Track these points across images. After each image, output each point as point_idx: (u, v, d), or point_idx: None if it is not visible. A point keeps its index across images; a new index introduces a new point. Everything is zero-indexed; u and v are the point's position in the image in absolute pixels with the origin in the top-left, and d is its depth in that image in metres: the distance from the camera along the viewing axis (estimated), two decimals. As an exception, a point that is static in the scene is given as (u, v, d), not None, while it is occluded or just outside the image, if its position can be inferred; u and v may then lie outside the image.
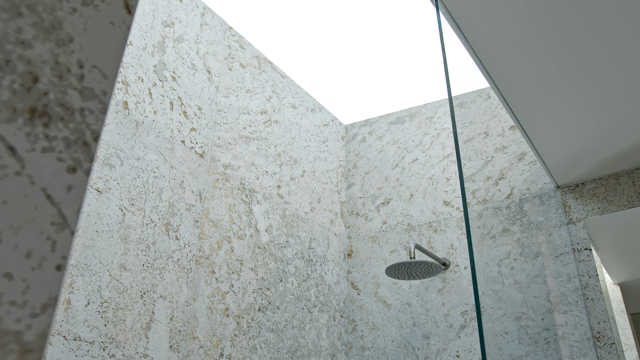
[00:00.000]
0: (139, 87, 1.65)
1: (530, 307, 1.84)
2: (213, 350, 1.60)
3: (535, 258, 1.89)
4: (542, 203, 1.97)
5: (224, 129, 1.94)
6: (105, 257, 1.38)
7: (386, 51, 2.47)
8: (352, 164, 2.60)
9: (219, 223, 1.77)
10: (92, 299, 1.32)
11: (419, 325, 2.05)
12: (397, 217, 2.31)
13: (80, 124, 0.29)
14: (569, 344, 1.72)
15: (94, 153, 0.29)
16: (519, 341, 1.81)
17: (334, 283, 2.23)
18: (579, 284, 1.77)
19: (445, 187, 2.24)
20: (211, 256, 1.70)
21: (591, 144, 1.72)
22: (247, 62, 2.17)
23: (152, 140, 1.64)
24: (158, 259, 1.52)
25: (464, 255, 2.07)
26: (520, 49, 1.41)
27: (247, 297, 1.78)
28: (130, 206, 1.49)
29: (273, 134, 2.18)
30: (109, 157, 1.48)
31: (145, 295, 1.45)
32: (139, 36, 1.70)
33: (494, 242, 2.00)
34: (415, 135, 2.45)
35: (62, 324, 1.24)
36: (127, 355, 1.35)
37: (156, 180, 1.60)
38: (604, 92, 1.52)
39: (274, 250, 1.97)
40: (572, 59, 1.42)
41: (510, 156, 2.13)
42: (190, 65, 1.88)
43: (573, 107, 1.58)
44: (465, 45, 1.43)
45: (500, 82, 1.53)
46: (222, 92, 1.99)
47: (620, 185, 1.84)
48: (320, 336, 2.06)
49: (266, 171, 2.07)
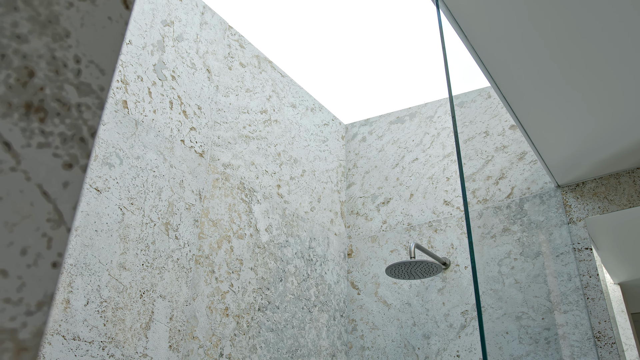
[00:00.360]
0: (139, 86, 1.65)
1: (530, 307, 1.83)
2: (213, 350, 1.60)
3: (535, 257, 1.89)
4: (542, 202, 1.96)
5: (224, 128, 1.94)
6: (104, 256, 1.38)
7: (386, 50, 2.46)
8: (352, 163, 2.59)
9: (218, 222, 1.76)
10: (92, 299, 1.32)
11: (419, 325, 2.05)
12: (397, 216, 2.31)
13: (77, 119, 0.29)
14: (569, 343, 1.72)
15: (90, 149, 0.29)
16: (520, 341, 1.81)
17: (334, 283, 2.23)
18: (579, 284, 1.77)
19: (445, 186, 2.24)
20: (211, 256, 1.70)
21: (592, 143, 1.72)
22: (247, 62, 2.16)
23: (152, 139, 1.63)
24: (157, 258, 1.52)
25: (464, 255, 2.06)
26: (521, 48, 1.41)
27: (246, 297, 1.78)
28: (130, 205, 1.49)
29: (273, 133, 2.18)
30: (108, 156, 1.48)
31: (144, 295, 1.45)
32: (139, 35, 1.70)
33: (494, 241, 1.99)
34: (416, 135, 2.45)
35: (61, 323, 1.23)
36: (126, 355, 1.35)
37: (156, 179, 1.60)
38: (604, 91, 1.52)
39: (273, 249, 1.97)
40: (572, 58, 1.42)
41: (510, 155, 2.13)
42: (190, 65, 1.88)
43: (573, 106, 1.57)
44: (466, 44, 1.43)
45: (501, 81, 1.52)
46: (221, 92, 1.98)
47: (621, 184, 1.84)
48: (320, 336, 2.05)
49: (266, 170, 2.07)
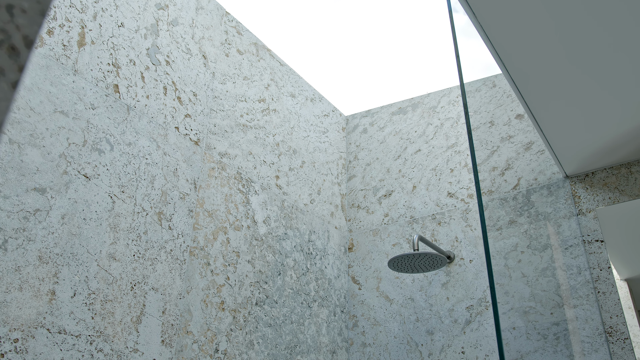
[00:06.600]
0: (131, 70, 1.58)
1: (538, 301, 1.76)
2: (208, 345, 1.53)
3: (543, 250, 1.82)
4: (550, 193, 1.89)
5: (220, 116, 1.87)
6: (93, 246, 1.31)
7: (387, 40, 2.39)
8: (352, 155, 2.53)
9: (214, 213, 1.70)
10: (79, 290, 1.25)
11: (423, 321, 1.98)
12: (400, 209, 2.24)
13: (7, 23, 0.22)
14: (579, 339, 1.65)
15: (24, 62, 0.22)
16: (527, 337, 1.74)
17: (334, 277, 2.16)
18: (589, 277, 1.70)
19: (449, 178, 2.17)
20: (206, 247, 1.63)
21: (603, 132, 1.65)
22: (244, 49, 2.10)
23: (145, 125, 1.56)
24: (150, 249, 1.45)
25: (468, 248, 1.99)
26: (534, 31, 1.34)
27: (243, 291, 1.71)
28: (121, 193, 1.42)
29: (271, 122, 2.11)
30: (98, 142, 1.41)
31: (135, 287, 1.38)
32: (131, 18, 1.63)
33: (501, 234, 1.93)
34: (418, 126, 2.38)
35: (45, 315, 1.16)
36: (115, 350, 1.28)
37: (148, 167, 1.53)
38: (617, 78, 1.45)
39: (272, 242, 1.90)
40: (586, 41, 1.35)
41: (516, 146, 2.06)
42: (185, 50, 1.81)
43: (586, 93, 1.51)
44: (477, 27, 1.36)
45: (512, 67, 1.46)
46: (218, 79, 1.91)
47: (633, 174, 1.77)
48: (320, 332, 1.99)
49: (264, 161, 2.00)
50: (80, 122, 1.38)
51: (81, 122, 1.38)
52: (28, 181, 1.21)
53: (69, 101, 1.37)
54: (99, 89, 1.46)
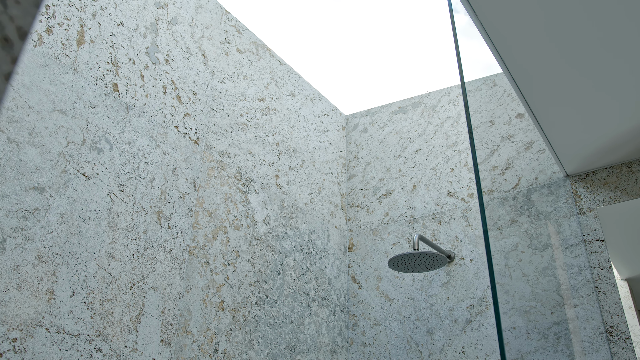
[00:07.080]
0: (130, 69, 1.57)
1: (539, 301, 1.76)
2: (207, 345, 1.52)
3: (544, 250, 1.82)
4: (550, 193, 1.89)
5: (220, 115, 1.86)
6: (92, 245, 1.30)
7: (387, 40, 2.39)
8: (352, 154, 2.52)
9: (214, 212, 1.69)
10: (78, 290, 1.24)
11: (423, 320, 1.97)
12: (400, 208, 2.23)
13: (1, 14, 0.22)
14: (580, 339, 1.64)
15: (17, 54, 0.22)
16: (528, 336, 1.74)
17: (334, 277, 2.15)
18: (590, 277, 1.70)
19: (449, 177, 2.16)
20: (206, 247, 1.62)
21: (604, 131, 1.65)
22: (244, 48, 2.09)
23: (144, 124, 1.56)
24: (149, 248, 1.44)
25: (469, 248, 1.99)
26: (535, 31, 1.33)
27: (243, 290, 1.71)
28: (120, 192, 1.42)
29: (271, 122, 2.10)
30: (97, 141, 1.40)
31: (135, 287, 1.37)
32: (131, 16, 1.63)
33: (501, 233, 1.92)
34: (418, 125, 2.37)
35: (44, 315, 1.16)
36: (115, 350, 1.27)
37: (147, 166, 1.52)
38: (618, 76, 1.44)
39: (271, 241, 1.89)
40: (587, 41, 1.34)
41: (517, 145, 2.05)
42: (185, 49, 1.80)
43: (587, 93, 1.50)
44: (478, 27, 1.35)
45: (513, 66, 1.45)
46: (218, 78, 1.91)
47: (633, 173, 1.76)
48: (320, 332, 1.98)
49: (264, 160, 1.99)
50: (79, 121, 1.37)
51: (80, 121, 1.38)
52: (27, 180, 1.21)
53: (68, 100, 1.36)
54: (98, 87, 1.46)
